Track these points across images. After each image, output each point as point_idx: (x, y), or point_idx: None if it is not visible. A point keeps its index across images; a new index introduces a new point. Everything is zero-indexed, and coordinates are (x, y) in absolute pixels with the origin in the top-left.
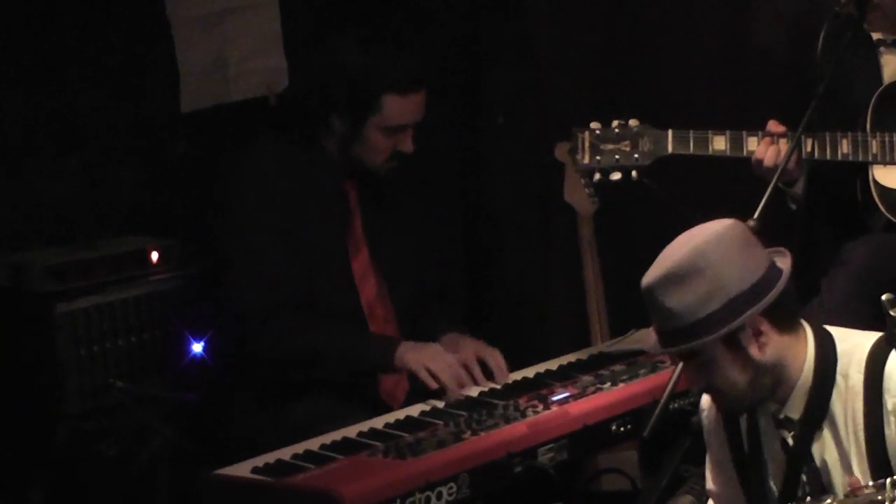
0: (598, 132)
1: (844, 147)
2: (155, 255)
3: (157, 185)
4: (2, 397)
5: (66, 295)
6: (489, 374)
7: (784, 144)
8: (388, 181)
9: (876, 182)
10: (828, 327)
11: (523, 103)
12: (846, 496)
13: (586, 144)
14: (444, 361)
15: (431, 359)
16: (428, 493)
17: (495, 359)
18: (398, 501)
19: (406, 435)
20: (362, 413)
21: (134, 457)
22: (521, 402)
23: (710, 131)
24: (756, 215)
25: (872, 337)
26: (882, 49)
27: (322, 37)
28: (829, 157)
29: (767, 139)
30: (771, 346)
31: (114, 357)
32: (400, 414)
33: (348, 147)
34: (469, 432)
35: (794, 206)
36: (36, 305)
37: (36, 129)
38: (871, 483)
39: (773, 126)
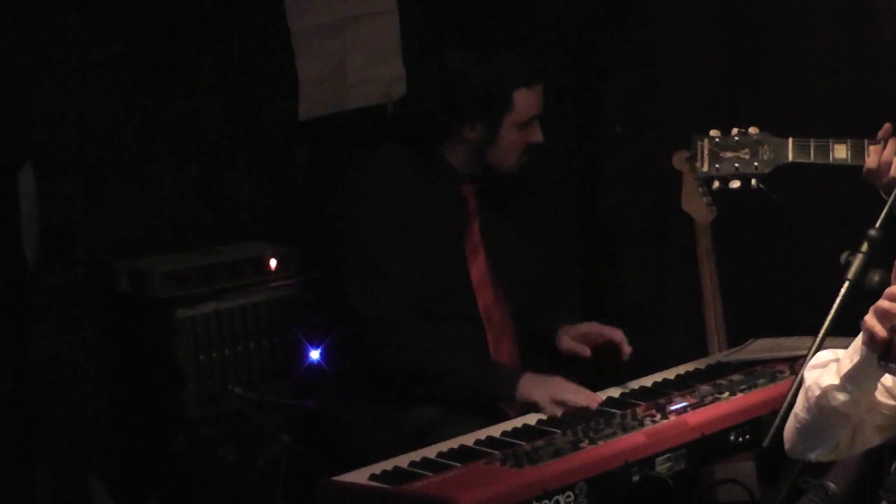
0: (717, 140)
1: None
2: (273, 262)
3: (276, 193)
4: (122, 402)
5: (185, 301)
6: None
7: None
8: (507, 187)
9: None
10: None
11: (641, 112)
12: None
13: (706, 152)
14: (569, 388)
15: (555, 390)
16: (545, 501)
17: (615, 334)
18: None
19: (523, 443)
20: (478, 421)
21: (252, 463)
22: (639, 411)
23: (831, 140)
24: (878, 224)
25: None
26: None
27: (439, 46)
28: None
29: (878, 147)
30: None
31: (232, 363)
32: (517, 422)
33: (483, 153)
34: (586, 441)
35: None
36: (156, 311)
37: (156, 137)
38: None
39: (883, 132)
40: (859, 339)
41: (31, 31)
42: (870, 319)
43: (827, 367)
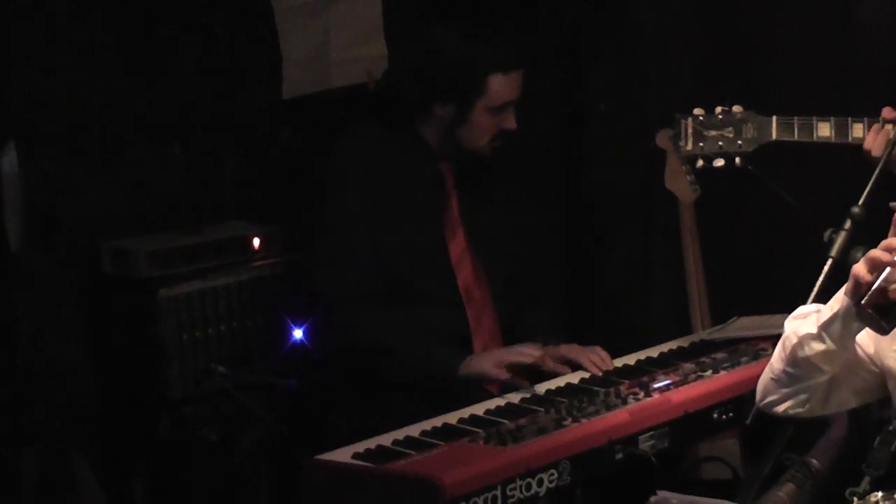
0: (701, 118)
1: None
2: (257, 242)
3: (260, 172)
4: (106, 382)
5: (168, 280)
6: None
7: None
8: (486, 165)
9: None
10: None
11: (625, 90)
12: None
13: (689, 131)
14: (512, 350)
15: (499, 355)
16: (529, 479)
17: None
18: (499, 488)
19: (506, 421)
20: (461, 401)
21: (235, 442)
22: (623, 389)
23: (814, 118)
24: (860, 202)
25: None
26: None
27: (420, 23)
28: None
29: (877, 125)
30: None
31: (216, 343)
32: (500, 400)
33: (453, 132)
34: (570, 419)
35: None
36: (139, 291)
37: (139, 117)
38: None
39: (887, 112)
40: (842, 290)
41: (14, 11)
42: (858, 266)
43: (807, 318)
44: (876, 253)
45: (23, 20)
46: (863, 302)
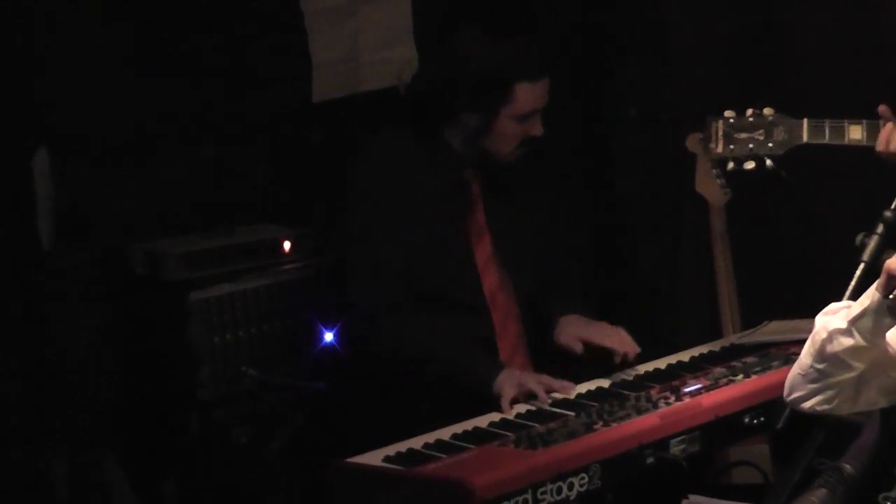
0: (731, 121)
1: None
2: (287, 245)
3: (290, 175)
4: (136, 384)
5: (199, 283)
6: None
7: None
8: (512, 171)
9: None
10: None
11: (655, 94)
12: None
13: (720, 133)
14: (533, 378)
15: (522, 379)
16: (559, 483)
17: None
18: (529, 492)
19: (537, 425)
20: (490, 405)
21: (265, 444)
22: (653, 393)
23: (846, 120)
24: (893, 206)
25: None
26: None
27: (449, 28)
28: None
29: (889, 124)
30: None
31: (246, 345)
32: (531, 405)
33: (478, 140)
34: (601, 423)
35: None
36: (170, 293)
37: (170, 119)
38: None
39: (883, 111)
40: (873, 286)
41: (45, 16)
42: (892, 261)
43: (837, 313)
44: None
45: (52, 25)
46: (892, 296)
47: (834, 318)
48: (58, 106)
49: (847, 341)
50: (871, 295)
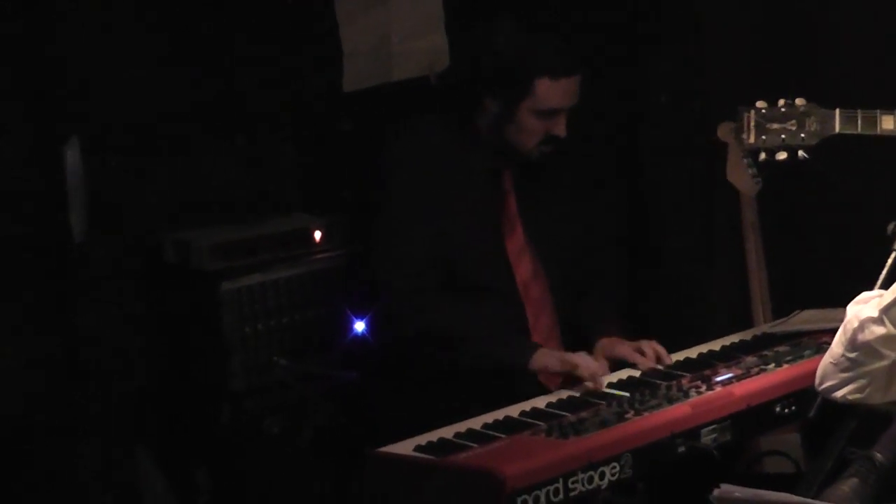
0: (763, 111)
1: None
2: (318, 234)
3: (321, 165)
4: (168, 374)
5: (231, 273)
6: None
7: None
8: (544, 163)
9: None
10: None
11: (686, 82)
12: None
13: (752, 124)
14: (580, 355)
15: (568, 356)
16: (591, 472)
17: (652, 347)
18: (560, 481)
19: (568, 414)
20: (519, 395)
21: (297, 434)
22: (684, 382)
23: (878, 111)
24: None
25: None
26: None
27: (481, 17)
28: None
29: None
30: None
31: (277, 335)
32: (562, 393)
33: (502, 129)
34: (632, 412)
35: None
36: (202, 283)
37: (201, 109)
38: None
39: None
40: None
41: (74, 7)
42: None
43: (869, 302)
44: None
45: (82, 15)
46: None
47: (866, 307)
48: (89, 95)
49: (879, 330)
50: None
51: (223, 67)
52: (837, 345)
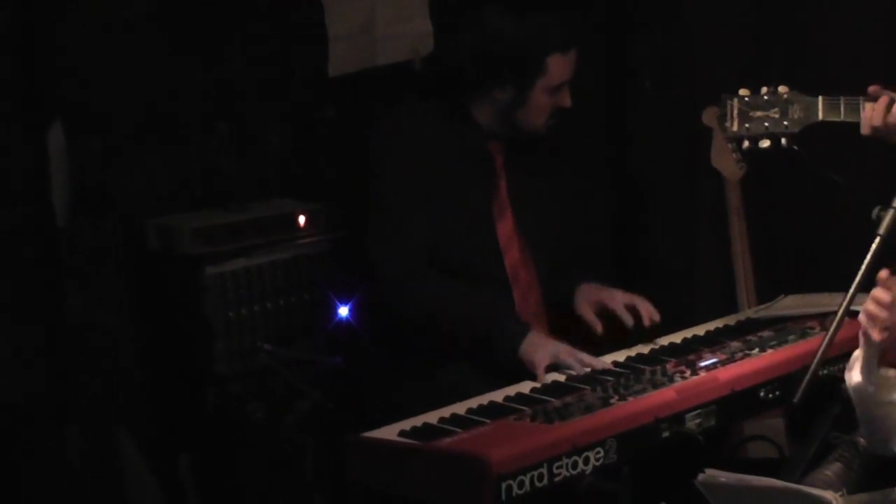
0: (747, 99)
1: None
2: (302, 219)
3: (305, 150)
4: (152, 359)
5: (215, 258)
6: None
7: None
8: (534, 145)
9: None
10: None
11: (671, 68)
12: None
13: (735, 112)
14: (566, 351)
15: (553, 353)
16: (575, 457)
17: (644, 305)
18: (545, 465)
19: (553, 399)
20: (504, 380)
21: (281, 420)
22: (669, 367)
23: (861, 98)
24: None
25: None
26: None
27: (469, 3)
28: None
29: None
30: None
31: (262, 320)
32: (546, 378)
33: (511, 114)
34: (616, 397)
35: None
36: (185, 268)
37: (184, 94)
38: None
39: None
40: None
41: None
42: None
43: (854, 367)
44: (870, 307)
45: (68, 1)
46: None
47: (854, 373)
48: (72, 83)
49: (872, 389)
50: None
51: (206, 52)
52: (858, 412)
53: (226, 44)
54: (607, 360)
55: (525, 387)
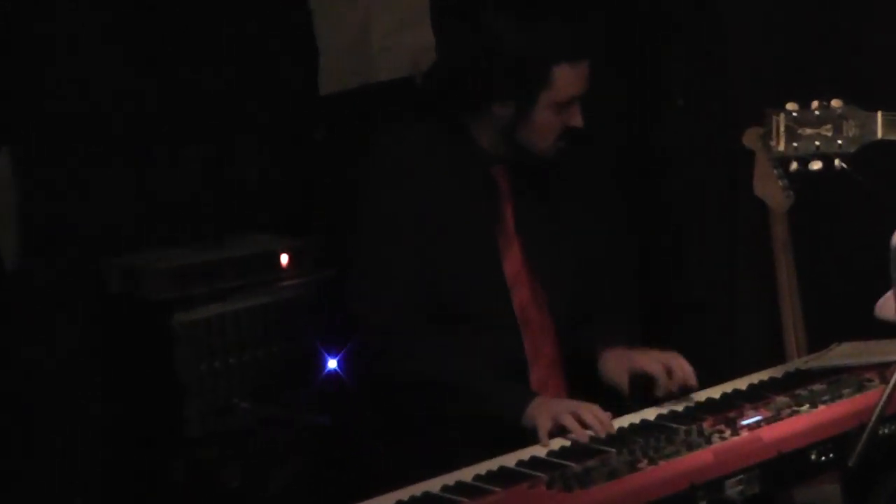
0: (795, 114)
1: None
2: (285, 258)
3: (289, 178)
4: (113, 419)
5: (185, 303)
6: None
7: None
8: (545, 169)
9: None
10: None
11: (707, 83)
12: None
13: (781, 129)
14: (571, 409)
15: (558, 413)
16: None
17: (681, 367)
18: None
19: (573, 464)
20: (514, 440)
21: (260, 488)
22: (706, 426)
23: None
24: None
25: None
26: None
27: (471, 9)
28: None
29: None
30: None
31: (238, 374)
32: (565, 440)
33: (514, 133)
34: (646, 461)
35: None
36: (151, 315)
37: (152, 117)
38: None
39: None
40: None
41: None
42: None
43: None
44: None
45: (24, 14)
46: None
47: None
48: (23, 105)
49: None
50: None
51: (177, 69)
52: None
53: (199, 58)
54: (636, 418)
55: (540, 449)
